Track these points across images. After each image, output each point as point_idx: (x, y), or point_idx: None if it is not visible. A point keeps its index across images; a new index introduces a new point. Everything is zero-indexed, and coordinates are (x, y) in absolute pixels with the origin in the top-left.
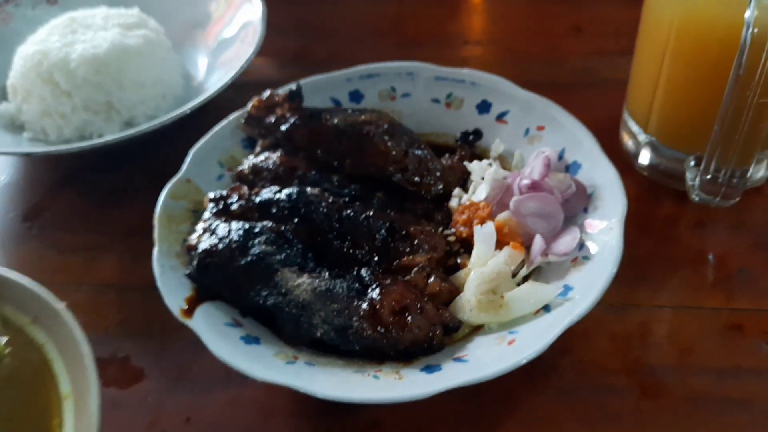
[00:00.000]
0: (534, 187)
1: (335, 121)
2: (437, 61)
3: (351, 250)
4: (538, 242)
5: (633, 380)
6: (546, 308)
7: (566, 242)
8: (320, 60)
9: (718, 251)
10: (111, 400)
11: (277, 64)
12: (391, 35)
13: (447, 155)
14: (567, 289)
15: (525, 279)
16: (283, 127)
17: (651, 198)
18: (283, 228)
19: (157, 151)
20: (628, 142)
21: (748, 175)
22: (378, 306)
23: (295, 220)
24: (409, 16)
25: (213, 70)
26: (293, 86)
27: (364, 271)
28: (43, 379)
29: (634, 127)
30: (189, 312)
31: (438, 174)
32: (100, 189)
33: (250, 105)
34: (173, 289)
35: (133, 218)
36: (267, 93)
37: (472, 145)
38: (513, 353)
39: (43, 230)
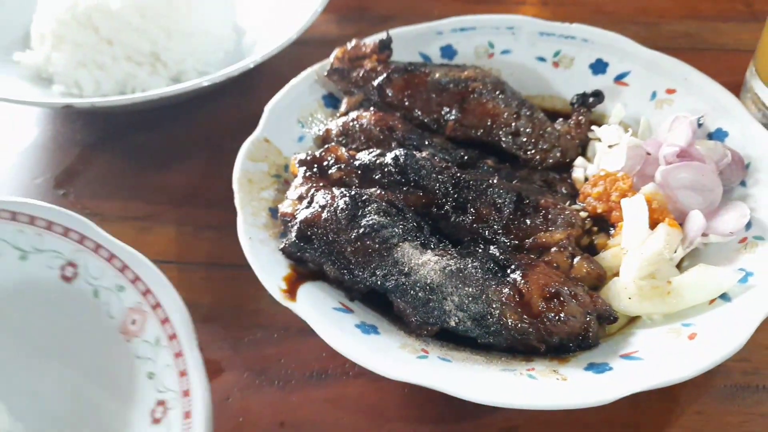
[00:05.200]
0: (682, 155)
1: (436, 75)
2: None
3: (474, 224)
4: (697, 219)
5: None
6: (723, 296)
7: (732, 220)
8: (382, 16)
9: None
10: None
11: (335, 19)
12: None
13: (561, 120)
14: (746, 274)
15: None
16: (376, 81)
17: None
18: (392, 196)
19: (204, 110)
20: (757, 113)
21: None
22: (524, 291)
23: (404, 188)
24: None
25: (266, 25)
26: (383, 36)
27: (494, 249)
28: None
29: (759, 95)
30: (291, 293)
31: (554, 140)
32: (142, 151)
33: (332, 56)
34: (268, 266)
35: (185, 184)
36: (353, 43)
37: (591, 109)
38: (699, 350)
39: (81, 198)
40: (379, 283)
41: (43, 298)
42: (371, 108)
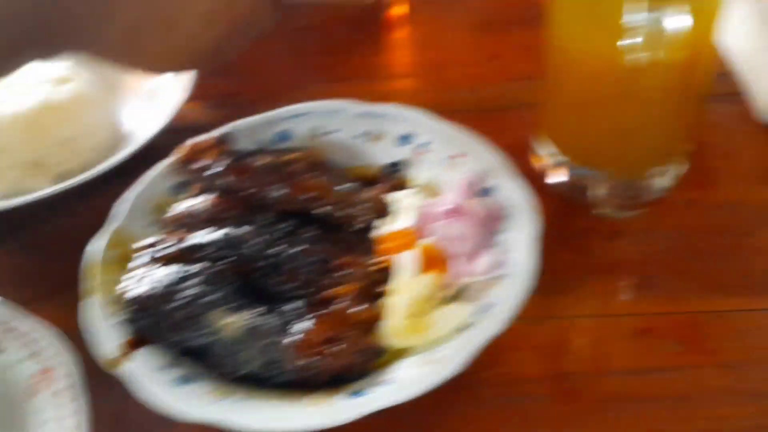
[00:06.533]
0: (455, 212)
1: (261, 162)
2: (368, 95)
3: (285, 284)
4: (458, 264)
5: (549, 387)
6: (469, 325)
7: (484, 262)
8: (251, 100)
9: (627, 260)
10: None
11: (207, 106)
12: (323, 72)
13: (368, 187)
14: (490, 306)
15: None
16: (215, 170)
17: (564, 213)
18: (216, 268)
19: (87, 201)
20: (539, 162)
21: (649, 187)
22: (299, 341)
23: (230, 258)
24: (338, 52)
25: (141, 116)
26: (218, 133)
27: (287, 306)
28: None
29: (543, 147)
30: (118, 360)
31: (362, 206)
32: (29, 245)
33: (178, 152)
34: (103, 337)
35: (68, 271)
36: (191, 141)
37: (393, 176)
38: (435, 371)
39: None
40: (192, 343)
41: None
42: (215, 193)
